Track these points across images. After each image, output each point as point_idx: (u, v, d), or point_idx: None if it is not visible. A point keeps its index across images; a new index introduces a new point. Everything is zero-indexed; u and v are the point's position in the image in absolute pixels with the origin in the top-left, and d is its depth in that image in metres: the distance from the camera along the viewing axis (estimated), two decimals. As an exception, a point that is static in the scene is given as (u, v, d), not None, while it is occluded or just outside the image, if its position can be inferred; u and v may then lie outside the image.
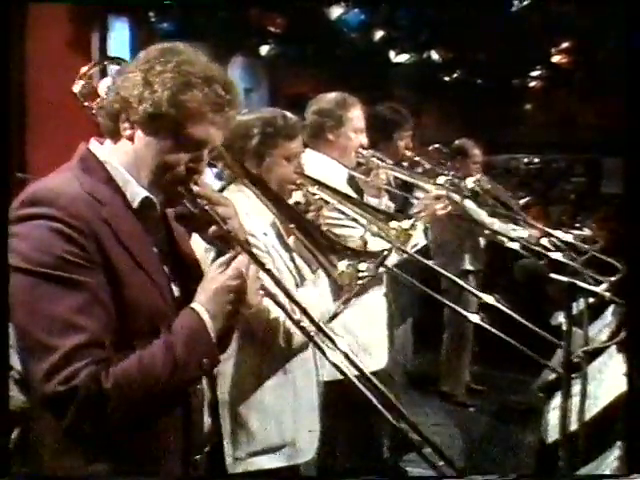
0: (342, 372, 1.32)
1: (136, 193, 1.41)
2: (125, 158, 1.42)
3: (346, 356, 1.33)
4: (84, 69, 1.80)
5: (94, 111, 1.59)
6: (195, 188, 1.43)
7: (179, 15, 5.67)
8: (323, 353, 1.35)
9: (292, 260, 2.12)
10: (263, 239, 2.02)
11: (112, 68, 1.80)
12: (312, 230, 1.91)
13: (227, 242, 1.44)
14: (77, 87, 1.76)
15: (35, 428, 1.43)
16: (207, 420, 1.53)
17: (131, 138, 1.40)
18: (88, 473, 1.35)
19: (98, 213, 1.34)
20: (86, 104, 1.71)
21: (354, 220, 2.26)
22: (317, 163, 2.65)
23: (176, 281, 1.47)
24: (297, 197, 2.21)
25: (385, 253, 1.78)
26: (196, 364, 1.35)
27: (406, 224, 2.25)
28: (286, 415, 2.05)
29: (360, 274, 1.66)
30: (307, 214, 2.14)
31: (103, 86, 1.62)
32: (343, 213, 2.27)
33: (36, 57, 4.40)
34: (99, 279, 1.31)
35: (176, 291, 1.46)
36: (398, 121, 3.51)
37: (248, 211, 1.93)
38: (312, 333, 1.41)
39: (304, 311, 1.40)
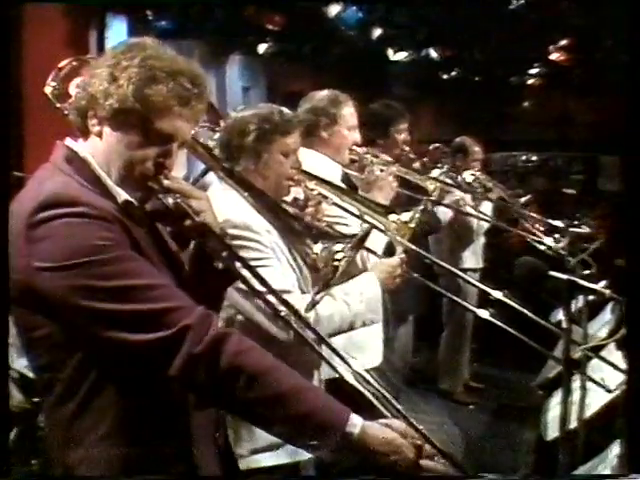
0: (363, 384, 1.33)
1: (117, 193, 1.41)
2: (96, 155, 1.42)
3: (358, 374, 1.34)
4: (61, 64, 1.75)
5: (66, 112, 1.56)
6: (166, 182, 1.42)
7: (177, 13, 5.65)
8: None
9: (294, 258, 2.11)
10: (267, 236, 2.02)
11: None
12: (288, 217, 1.89)
13: (203, 235, 1.44)
14: (49, 89, 1.73)
15: (46, 424, 1.44)
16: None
17: (99, 134, 1.40)
18: (89, 473, 1.36)
19: (109, 208, 1.35)
20: (58, 105, 1.69)
21: (355, 216, 2.25)
22: (310, 161, 2.64)
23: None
24: (295, 193, 2.21)
25: (361, 234, 1.76)
26: (307, 433, 1.34)
27: (405, 217, 2.24)
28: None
29: (336, 256, 1.65)
30: (306, 210, 2.13)
31: (74, 86, 1.60)
32: (343, 209, 2.27)
33: (33, 56, 4.38)
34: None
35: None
36: (393, 116, 3.58)
37: (252, 210, 1.94)
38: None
39: (308, 325, 1.45)
